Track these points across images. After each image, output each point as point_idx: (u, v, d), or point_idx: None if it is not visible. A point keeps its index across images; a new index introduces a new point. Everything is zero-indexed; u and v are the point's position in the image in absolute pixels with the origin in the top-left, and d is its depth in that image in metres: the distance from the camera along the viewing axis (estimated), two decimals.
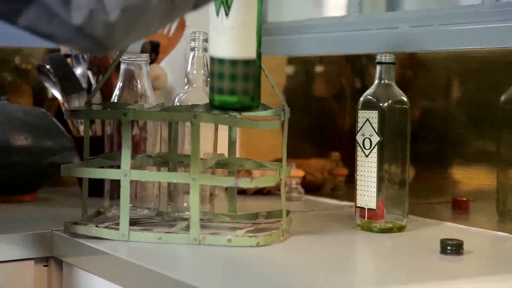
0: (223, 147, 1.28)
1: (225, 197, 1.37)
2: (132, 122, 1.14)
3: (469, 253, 1.09)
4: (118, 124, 1.24)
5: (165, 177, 1.18)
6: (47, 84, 1.61)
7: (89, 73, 1.61)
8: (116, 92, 1.27)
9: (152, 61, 1.57)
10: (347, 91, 1.59)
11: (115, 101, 1.26)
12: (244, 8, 1.07)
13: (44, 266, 1.21)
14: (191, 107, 1.20)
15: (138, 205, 1.25)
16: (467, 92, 1.35)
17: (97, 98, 1.53)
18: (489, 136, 1.31)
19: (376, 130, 1.23)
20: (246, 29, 1.08)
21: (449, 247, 1.08)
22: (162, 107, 1.23)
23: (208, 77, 1.24)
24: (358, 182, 1.25)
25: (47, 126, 1.49)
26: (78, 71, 1.61)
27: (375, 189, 1.23)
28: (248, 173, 1.50)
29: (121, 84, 1.27)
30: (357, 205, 1.26)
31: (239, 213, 1.27)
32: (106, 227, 1.15)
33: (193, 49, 1.26)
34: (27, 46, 1.70)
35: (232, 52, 1.08)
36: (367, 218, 1.24)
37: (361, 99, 1.26)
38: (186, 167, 1.22)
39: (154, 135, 1.27)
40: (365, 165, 1.24)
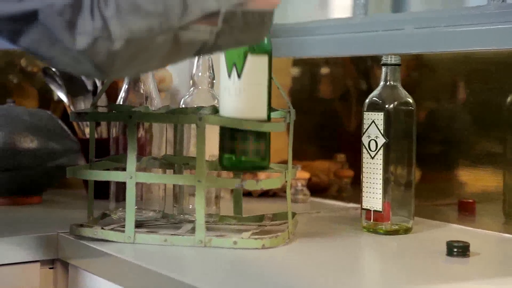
0: None
1: (231, 199, 1.37)
2: (138, 124, 1.14)
3: (475, 255, 1.09)
4: (123, 126, 1.24)
5: (170, 179, 1.18)
6: (53, 87, 1.61)
7: None
8: (122, 94, 1.27)
9: None
10: (352, 93, 1.58)
11: (121, 103, 1.26)
12: (256, 71, 1.09)
13: (50, 268, 1.21)
14: (196, 109, 1.20)
15: (143, 207, 1.25)
16: (472, 93, 1.35)
17: (102, 100, 1.54)
18: (495, 138, 1.31)
19: (382, 131, 1.23)
20: (258, 90, 1.10)
21: (455, 249, 1.08)
22: (167, 109, 1.23)
23: (213, 79, 1.24)
24: (364, 184, 1.25)
25: (53, 129, 1.49)
26: None
27: (381, 191, 1.23)
28: (253, 175, 1.50)
29: (126, 86, 1.27)
30: (363, 207, 1.25)
31: (244, 215, 1.27)
32: (112, 229, 1.15)
33: None
34: None
35: (244, 113, 1.09)
36: (373, 220, 1.24)
37: (367, 100, 1.26)
38: (192, 169, 1.22)
39: (159, 137, 1.27)
40: (371, 167, 1.24)
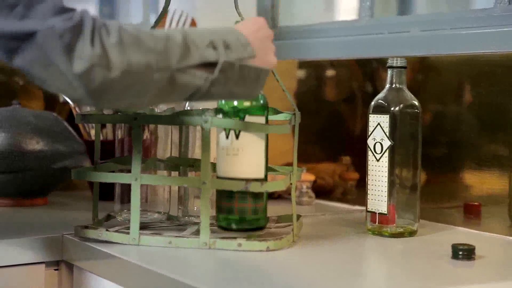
0: None
1: None
2: (143, 126, 1.14)
3: (480, 258, 1.09)
4: (129, 128, 1.24)
5: (175, 181, 1.18)
6: None
7: None
8: None
9: None
10: (358, 95, 1.58)
11: None
12: (253, 132, 1.11)
13: (55, 270, 1.21)
14: (201, 112, 1.20)
15: (148, 209, 1.25)
16: (478, 96, 1.35)
17: None
18: (500, 140, 1.30)
19: (387, 134, 1.23)
20: (256, 150, 1.12)
21: (460, 252, 1.08)
22: (172, 112, 1.23)
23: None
24: (369, 186, 1.25)
25: (58, 131, 1.49)
26: None
27: (386, 194, 1.23)
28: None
29: None
30: (368, 209, 1.25)
31: None
32: (117, 231, 1.15)
33: None
34: None
35: (242, 173, 1.11)
36: (378, 223, 1.24)
37: (372, 103, 1.26)
38: (197, 171, 1.22)
39: (164, 139, 1.27)
40: (376, 169, 1.24)
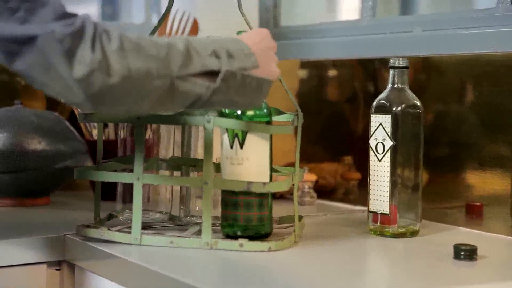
0: None
1: None
2: (145, 126, 1.14)
3: (482, 258, 1.09)
4: (131, 128, 1.24)
5: (177, 181, 1.18)
6: None
7: None
8: None
9: None
10: (360, 95, 1.58)
11: None
12: (257, 141, 1.11)
13: (57, 270, 1.21)
14: (204, 112, 1.20)
15: (150, 209, 1.25)
16: (480, 96, 1.34)
17: None
18: (503, 141, 1.30)
19: (389, 134, 1.23)
20: (260, 159, 1.12)
21: (462, 253, 1.08)
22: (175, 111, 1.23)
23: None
24: (371, 186, 1.25)
25: (60, 130, 1.49)
26: None
27: (388, 194, 1.22)
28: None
29: None
30: (369, 209, 1.25)
31: None
32: (118, 230, 1.15)
33: None
34: None
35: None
36: (379, 223, 1.24)
37: (374, 103, 1.26)
38: (199, 171, 1.22)
39: (167, 139, 1.27)
40: (378, 169, 1.24)
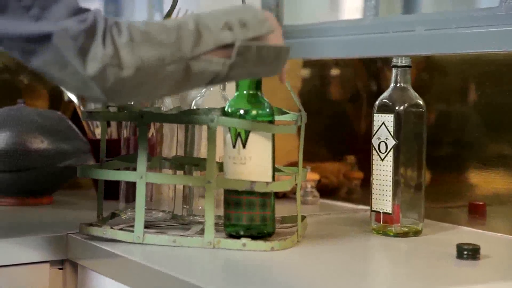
0: None
1: None
2: (148, 125, 1.14)
3: (485, 258, 1.09)
4: (134, 127, 1.24)
5: (180, 180, 1.18)
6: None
7: None
8: None
9: None
10: (362, 95, 1.58)
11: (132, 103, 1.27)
12: (260, 139, 1.11)
13: (59, 269, 1.21)
14: (208, 111, 1.20)
15: (153, 207, 1.25)
16: (483, 95, 1.34)
17: None
18: (505, 140, 1.30)
19: (392, 133, 1.23)
20: (263, 158, 1.12)
21: (465, 252, 1.08)
22: (178, 110, 1.23)
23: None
24: (374, 186, 1.25)
25: (63, 129, 1.49)
26: None
27: (390, 193, 1.22)
28: None
29: None
30: (372, 209, 1.25)
31: None
32: (121, 229, 1.15)
33: None
34: None
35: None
36: (382, 222, 1.23)
37: (377, 102, 1.25)
38: (202, 171, 1.22)
39: (170, 138, 1.27)
40: (380, 168, 1.24)
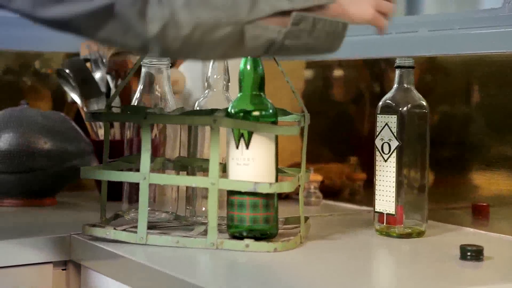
0: None
1: None
2: (152, 126, 1.14)
3: (489, 259, 1.08)
4: (137, 127, 1.25)
5: (184, 181, 1.18)
6: (66, 88, 1.61)
7: (108, 77, 1.61)
8: (137, 95, 1.27)
9: (171, 65, 1.58)
10: (366, 95, 1.58)
11: (135, 104, 1.27)
12: (263, 140, 1.11)
13: (63, 269, 1.21)
14: (211, 112, 1.20)
15: (156, 208, 1.25)
16: (487, 96, 1.34)
17: (116, 102, 1.54)
18: (509, 141, 1.30)
19: (395, 134, 1.22)
20: (266, 159, 1.11)
21: (469, 253, 1.07)
22: (182, 111, 1.23)
23: (228, 81, 1.24)
24: (377, 187, 1.25)
25: (66, 130, 1.50)
26: (97, 75, 1.61)
27: (394, 194, 1.22)
28: None
29: (141, 87, 1.27)
30: (375, 210, 1.25)
31: None
32: (124, 230, 1.15)
33: None
34: (47, 50, 1.71)
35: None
36: (385, 223, 1.23)
37: (380, 103, 1.25)
38: (205, 172, 1.22)
39: (173, 139, 1.27)
40: (384, 169, 1.24)
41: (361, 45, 1.57)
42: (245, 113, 1.12)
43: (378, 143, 1.25)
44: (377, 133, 1.25)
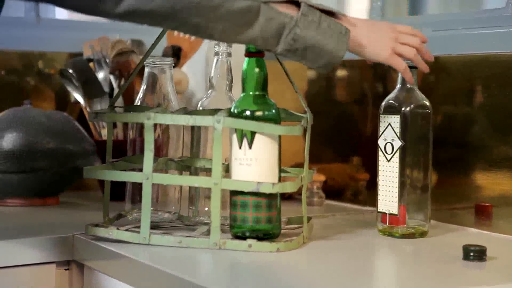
0: None
1: None
2: (155, 126, 1.15)
3: (492, 259, 1.08)
4: (140, 128, 1.25)
5: (186, 181, 1.18)
6: (69, 88, 1.61)
7: (111, 77, 1.61)
8: (140, 95, 1.27)
9: (174, 65, 1.58)
10: (369, 96, 1.58)
11: (138, 104, 1.27)
12: (266, 140, 1.11)
13: (66, 269, 1.21)
14: (214, 112, 1.20)
15: (159, 208, 1.26)
16: (490, 96, 1.34)
17: (118, 102, 1.54)
18: None
19: (398, 134, 1.22)
20: (269, 159, 1.11)
21: (471, 253, 1.07)
22: (184, 111, 1.23)
23: (231, 81, 1.24)
24: (380, 187, 1.25)
25: (69, 130, 1.50)
26: (100, 75, 1.61)
27: (396, 194, 1.22)
28: None
29: (144, 87, 1.27)
30: (378, 210, 1.25)
31: None
32: (127, 230, 1.15)
33: (217, 53, 1.25)
34: (51, 50, 1.71)
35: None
36: (388, 223, 1.23)
37: (383, 103, 1.25)
38: (208, 172, 1.23)
39: (176, 139, 1.27)
40: (386, 170, 1.23)
41: None
42: (248, 113, 1.12)
43: (381, 143, 1.25)
44: (380, 133, 1.25)
